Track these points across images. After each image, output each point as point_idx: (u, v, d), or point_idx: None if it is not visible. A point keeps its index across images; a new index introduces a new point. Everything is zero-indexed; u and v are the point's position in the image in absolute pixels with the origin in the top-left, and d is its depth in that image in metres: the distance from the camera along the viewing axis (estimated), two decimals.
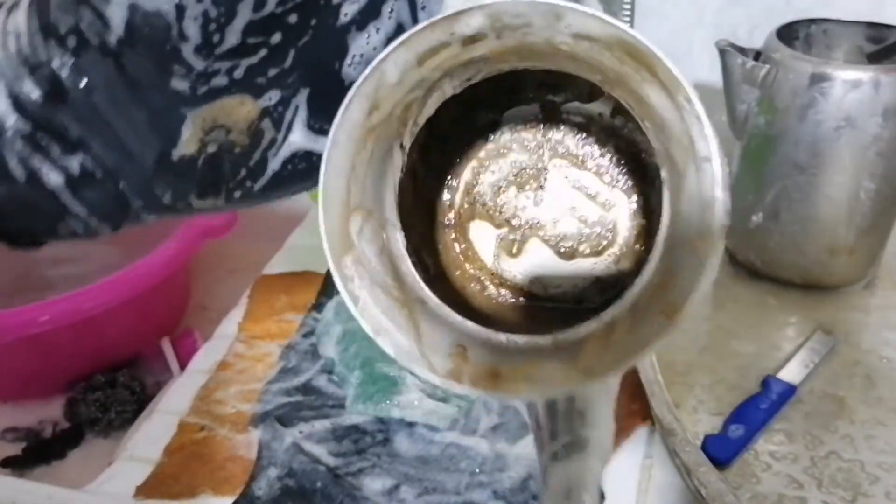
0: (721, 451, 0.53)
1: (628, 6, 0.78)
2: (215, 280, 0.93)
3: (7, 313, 0.66)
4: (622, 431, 0.57)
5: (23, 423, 0.73)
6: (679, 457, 0.51)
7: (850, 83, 0.59)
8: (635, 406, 0.59)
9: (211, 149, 0.29)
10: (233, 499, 0.54)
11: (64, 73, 0.28)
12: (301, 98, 0.29)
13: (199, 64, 0.28)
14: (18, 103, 0.28)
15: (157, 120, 0.29)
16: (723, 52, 0.64)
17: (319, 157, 0.25)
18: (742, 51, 0.64)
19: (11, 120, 0.29)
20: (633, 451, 0.56)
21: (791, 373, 0.59)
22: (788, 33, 0.67)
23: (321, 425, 0.59)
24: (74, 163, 0.29)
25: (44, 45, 0.28)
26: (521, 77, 0.27)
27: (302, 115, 0.29)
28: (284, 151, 0.29)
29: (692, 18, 0.80)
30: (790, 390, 0.58)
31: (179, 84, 0.28)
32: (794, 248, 0.67)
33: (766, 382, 0.58)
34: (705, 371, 0.61)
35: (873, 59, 0.68)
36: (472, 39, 0.22)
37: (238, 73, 0.28)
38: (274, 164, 0.30)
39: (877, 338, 0.64)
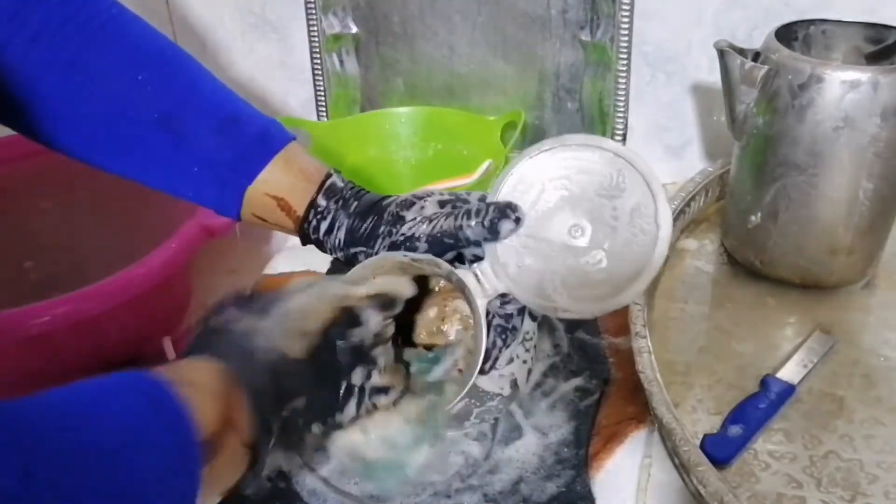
0: (720, 451, 0.53)
1: (627, 7, 0.78)
2: (216, 280, 0.93)
3: (7, 313, 0.66)
4: (617, 436, 0.57)
5: None
6: (678, 456, 0.51)
7: (848, 84, 0.59)
8: (631, 409, 0.59)
9: None
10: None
11: None
12: None
13: None
14: None
15: None
16: (722, 53, 0.64)
17: None
18: (741, 51, 0.64)
19: None
20: (633, 451, 0.56)
21: (790, 372, 0.59)
22: (787, 34, 0.67)
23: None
24: None
25: None
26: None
27: None
28: None
29: (691, 19, 0.80)
30: (789, 390, 0.58)
31: None
32: (793, 248, 0.67)
33: (765, 382, 0.59)
34: (704, 371, 0.61)
35: (872, 59, 0.68)
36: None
37: None
38: None
39: (876, 337, 0.64)
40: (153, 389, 0.35)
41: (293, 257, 0.81)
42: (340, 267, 0.77)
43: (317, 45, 0.90)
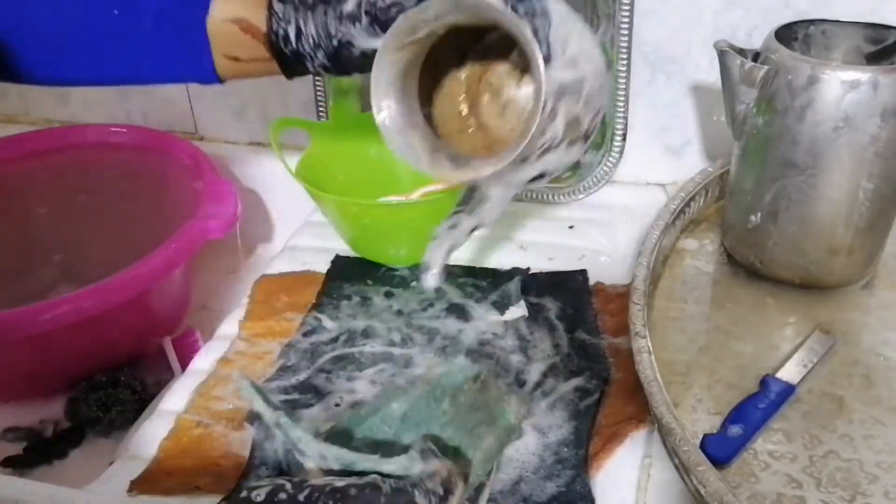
0: (720, 451, 0.53)
1: (627, 7, 0.78)
2: (216, 280, 0.93)
3: (8, 313, 0.66)
4: (616, 436, 0.57)
5: (24, 422, 0.73)
6: (678, 456, 0.51)
7: (848, 84, 0.59)
8: (631, 409, 0.59)
9: None
10: (223, 496, 0.54)
11: None
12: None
13: None
14: None
15: None
16: (722, 53, 0.64)
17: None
18: (741, 51, 0.64)
19: None
20: (632, 451, 0.56)
21: (790, 372, 0.59)
22: (787, 34, 0.67)
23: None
24: None
25: None
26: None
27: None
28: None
29: (691, 19, 0.80)
30: (789, 390, 0.58)
31: None
32: (793, 248, 0.67)
33: (765, 382, 0.59)
34: (704, 370, 0.61)
35: (872, 59, 0.68)
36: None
37: None
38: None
39: (875, 337, 0.65)
40: None
41: (293, 257, 0.81)
42: (341, 269, 0.78)
43: None
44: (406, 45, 0.46)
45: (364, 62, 0.48)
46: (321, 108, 0.93)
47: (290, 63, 0.50)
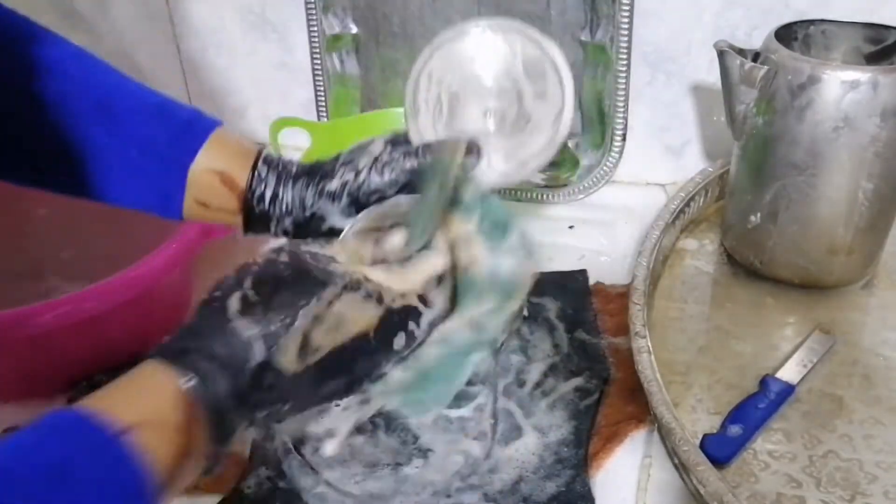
0: (720, 451, 0.53)
1: (627, 7, 0.78)
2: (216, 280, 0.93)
3: (7, 313, 0.66)
4: (616, 436, 0.57)
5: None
6: (678, 456, 0.51)
7: (848, 84, 0.59)
8: (630, 409, 0.59)
9: None
10: (224, 495, 0.54)
11: None
12: None
13: None
14: None
15: None
16: (721, 53, 0.64)
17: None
18: (741, 52, 0.64)
19: None
20: (632, 451, 0.56)
21: (789, 372, 0.60)
22: (787, 34, 0.67)
23: None
24: None
25: None
26: None
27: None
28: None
29: (691, 19, 0.80)
30: (789, 390, 0.58)
31: None
32: (793, 248, 0.67)
33: (765, 382, 0.59)
34: (704, 370, 0.61)
35: (872, 59, 0.68)
36: None
37: None
38: None
39: (875, 337, 0.65)
40: (103, 445, 0.34)
41: None
42: None
43: (317, 45, 0.90)
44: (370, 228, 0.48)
45: (325, 234, 0.50)
46: (321, 108, 0.93)
47: (254, 221, 0.52)
